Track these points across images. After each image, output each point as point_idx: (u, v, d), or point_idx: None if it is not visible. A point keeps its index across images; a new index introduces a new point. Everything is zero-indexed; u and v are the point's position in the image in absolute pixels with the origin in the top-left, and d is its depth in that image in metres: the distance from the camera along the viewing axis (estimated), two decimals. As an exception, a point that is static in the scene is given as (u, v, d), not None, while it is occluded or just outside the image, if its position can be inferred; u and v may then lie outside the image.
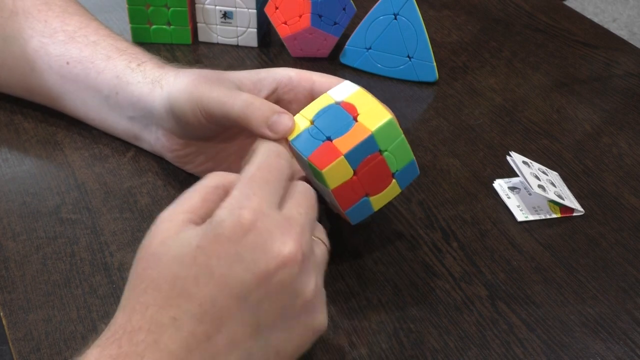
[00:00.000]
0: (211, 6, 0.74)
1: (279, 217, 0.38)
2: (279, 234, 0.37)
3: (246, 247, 0.37)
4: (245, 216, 0.37)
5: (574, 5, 1.99)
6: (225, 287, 0.36)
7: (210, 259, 0.37)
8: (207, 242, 0.37)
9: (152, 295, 0.37)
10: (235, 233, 0.37)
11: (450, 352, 0.45)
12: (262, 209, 0.38)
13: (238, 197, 0.38)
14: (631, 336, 0.47)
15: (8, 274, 0.49)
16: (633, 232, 0.55)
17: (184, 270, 0.37)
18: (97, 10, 0.66)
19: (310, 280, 0.39)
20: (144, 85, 0.55)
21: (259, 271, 0.37)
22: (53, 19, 0.60)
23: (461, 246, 0.53)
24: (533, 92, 0.72)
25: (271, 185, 0.40)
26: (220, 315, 0.36)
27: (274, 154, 0.42)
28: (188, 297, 0.36)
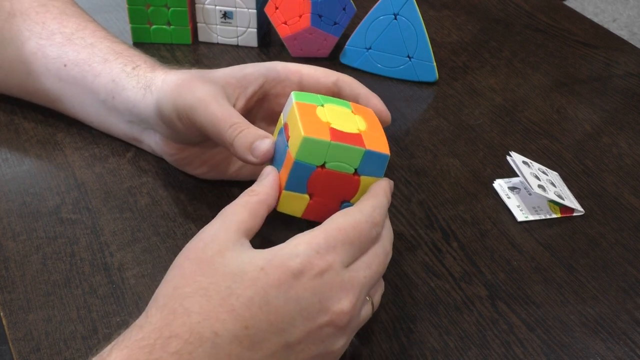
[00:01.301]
0: (211, 6, 0.74)
1: (345, 276, 0.39)
2: (338, 292, 0.38)
3: (307, 291, 0.37)
4: (318, 264, 0.38)
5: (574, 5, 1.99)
6: (274, 320, 0.37)
7: (270, 287, 0.37)
8: (272, 268, 0.37)
9: (199, 303, 0.36)
10: (302, 273, 0.37)
11: (450, 352, 0.45)
12: (335, 265, 0.39)
13: (321, 243, 0.39)
14: (631, 336, 0.47)
15: (8, 274, 0.49)
16: (633, 232, 0.55)
17: (241, 288, 0.36)
18: (97, 11, 0.66)
19: (345, 339, 0.40)
20: (137, 91, 0.54)
21: (309, 318, 0.38)
22: (51, 21, 0.60)
23: (461, 246, 0.53)
24: (533, 92, 0.72)
25: (354, 248, 0.40)
26: (260, 344, 0.36)
27: (373, 223, 0.41)
28: (236, 316, 0.36)
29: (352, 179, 0.43)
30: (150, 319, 0.36)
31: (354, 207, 0.42)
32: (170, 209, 0.55)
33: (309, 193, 0.43)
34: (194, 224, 0.53)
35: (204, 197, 0.56)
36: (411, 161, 0.61)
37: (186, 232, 0.53)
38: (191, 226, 0.53)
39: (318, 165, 0.42)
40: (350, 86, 0.51)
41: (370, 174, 0.44)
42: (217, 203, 0.55)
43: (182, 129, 0.51)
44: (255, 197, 0.42)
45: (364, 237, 0.41)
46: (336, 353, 0.40)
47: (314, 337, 0.38)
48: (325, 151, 0.42)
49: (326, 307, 0.38)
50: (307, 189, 0.43)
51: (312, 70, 0.51)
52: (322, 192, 0.43)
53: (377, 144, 0.44)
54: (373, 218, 0.41)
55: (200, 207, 0.55)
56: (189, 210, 0.55)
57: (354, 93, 0.51)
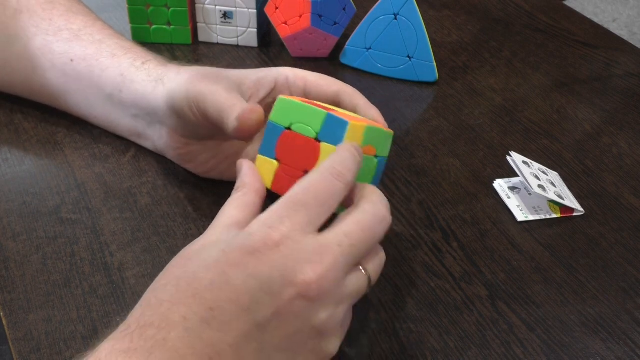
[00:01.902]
0: (211, 6, 0.74)
1: (310, 244, 0.37)
2: (301, 262, 0.37)
3: (265, 265, 0.37)
4: (273, 236, 0.37)
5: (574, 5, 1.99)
6: (236, 299, 0.36)
7: (229, 267, 0.37)
8: (230, 250, 0.37)
9: (170, 291, 0.37)
10: (258, 249, 0.37)
11: (450, 352, 0.45)
12: (293, 233, 0.37)
13: (273, 216, 0.38)
14: (631, 336, 0.47)
15: (8, 274, 0.49)
16: (633, 232, 0.55)
17: (203, 272, 0.37)
18: (97, 10, 0.66)
19: (327, 311, 0.38)
20: (147, 84, 0.55)
21: (273, 293, 0.36)
22: (58, 18, 0.60)
23: (461, 246, 0.53)
24: (533, 92, 0.72)
25: (311, 209, 0.38)
26: (229, 324, 0.36)
27: (329, 175, 0.40)
28: (200, 299, 0.36)
29: (313, 145, 0.43)
30: (132, 313, 0.37)
31: (312, 170, 0.41)
32: (170, 209, 0.55)
33: (277, 159, 0.44)
34: (194, 224, 0.53)
35: (204, 197, 0.56)
36: (411, 161, 0.61)
37: (186, 232, 0.53)
38: (191, 226, 0.53)
39: (286, 127, 0.44)
40: (351, 97, 0.51)
41: (332, 142, 0.43)
42: (217, 203, 0.55)
43: (191, 119, 0.51)
44: (240, 192, 0.42)
45: (322, 194, 0.39)
46: (324, 328, 0.38)
47: (285, 312, 0.37)
48: (294, 112, 0.43)
49: (289, 279, 0.37)
50: (275, 154, 0.44)
51: (317, 78, 0.52)
52: (288, 158, 0.44)
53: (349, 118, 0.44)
54: (332, 170, 0.40)
55: (200, 207, 0.55)
56: (189, 210, 0.55)
57: (352, 103, 0.51)
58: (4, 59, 0.61)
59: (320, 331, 0.38)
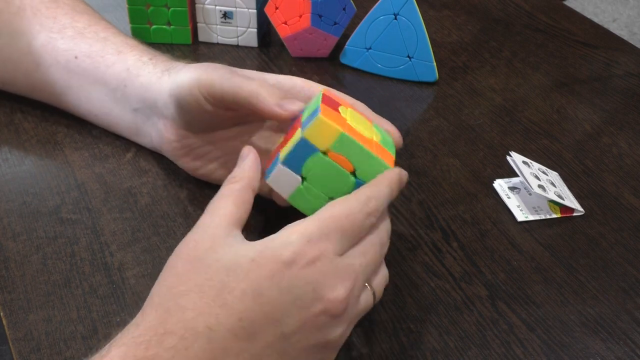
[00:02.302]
0: (211, 6, 0.74)
1: (339, 264, 0.39)
2: (332, 279, 0.38)
3: (300, 280, 0.37)
4: (310, 253, 0.38)
5: (574, 5, 1.99)
6: (268, 311, 0.37)
7: (262, 278, 0.37)
8: (263, 259, 0.37)
9: (193, 299, 0.36)
10: (294, 262, 0.37)
11: (450, 352, 0.45)
12: (328, 253, 0.38)
13: (313, 232, 0.38)
14: (631, 336, 0.47)
15: (8, 274, 0.49)
16: (633, 232, 0.55)
17: (233, 281, 0.37)
18: (98, 11, 0.66)
19: (343, 327, 0.39)
20: (152, 75, 0.55)
21: (303, 307, 0.37)
22: (62, 16, 0.61)
23: (461, 246, 0.53)
24: (533, 92, 0.72)
25: (347, 237, 0.40)
26: (256, 335, 0.36)
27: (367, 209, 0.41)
28: (229, 309, 0.36)
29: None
30: (146, 317, 0.37)
31: (351, 195, 0.41)
32: (170, 209, 0.55)
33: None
34: (194, 224, 0.53)
35: (204, 197, 0.56)
36: (411, 161, 0.61)
37: (186, 232, 0.52)
38: (191, 226, 0.53)
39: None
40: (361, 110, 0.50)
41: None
42: (217, 203, 0.55)
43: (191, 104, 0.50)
44: (238, 184, 0.42)
45: (357, 226, 0.40)
46: (335, 342, 0.40)
47: (310, 326, 0.38)
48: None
49: (320, 295, 0.38)
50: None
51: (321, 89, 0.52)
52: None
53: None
54: (368, 207, 0.41)
55: (200, 207, 0.55)
56: (189, 210, 0.55)
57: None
58: (7, 55, 0.61)
59: (332, 345, 0.40)
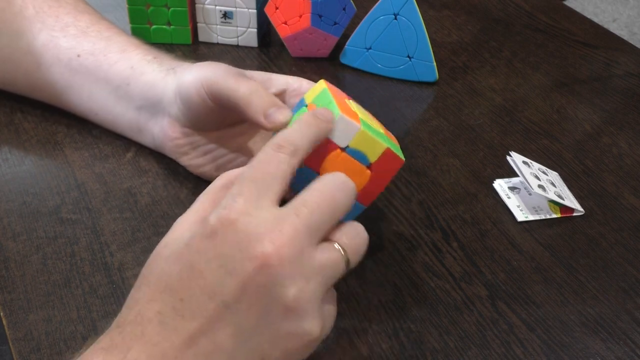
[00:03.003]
0: (211, 6, 0.74)
1: (266, 217, 0.37)
2: (260, 234, 0.36)
3: (224, 246, 0.37)
4: (228, 216, 0.37)
5: (574, 5, 1.99)
6: (203, 284, 0.37)
7: (193, 256, 0.38)
8: (193, 240, 0.38)
9: (143, 291, 0.38)
10: (215, 231, 0.37)
11: (450, 352, 0.45)
12: (247, 209, 0.37)
13: (227, 197, 0.38)
14: (631, 336, 0.47)
15: (8, 274, 0.49)
16: (633, 232, 0.55)
17: (170, 266, 0.38)
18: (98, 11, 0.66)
19: (293, 285, 0.36)
20: (158, 73, 0.56)
21: (235, 271, 0.36)
22: (64, 15, 0.61)
23: (461, 246, 0.53)
24: (533, 92, 0.72)
25: (262, 183, 0.38)
26: (199, 312, 0.37)
27: (274, 147, 0.40)
28: (171, 292, 0.37)
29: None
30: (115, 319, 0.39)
31: None
32: (170, 209, 0.55)
33: None
34: (194, 224, 0.53)
35: (204, 197, 0.56)
36: (411, 161, 0.61)
37: (186, 232, 0.53)
38: (191, 226, 0.53)
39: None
40: None
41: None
42: (217, 203, 0.55)
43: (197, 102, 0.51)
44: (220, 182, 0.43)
45: (268, 167, 0.39)
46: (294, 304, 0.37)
47: (251, 288, 0.36)
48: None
49: (248, 254, 0.36)
50: None
51: None
52: None
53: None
54: (273, 145, 0.40)
55: (200, 207, 0.55)
56: (189, 210, 0.55)
57: None
58: (7, 55, 0.61)
59: (293, 308, 0.37)
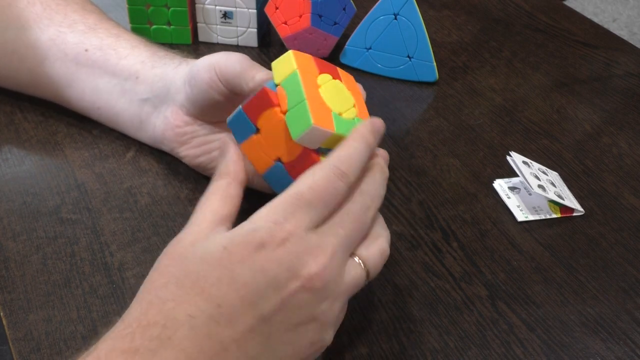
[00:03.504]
0: (211, 6, 0.74)
1: (311, 240, 0.38)
2: (305, 256, 0.38)
3: (272, 262, 0.37)
4: (279, 234, 0.38)
5: (574, 5, 1.99)
6: (244, 294, 0.37)
7: (234, 264, 0.37)
8: (234, 246, 0.38)
9: (172, 290, 0.37)
10: (264, 245, 0.37)
11: (450, 352, 0.45)
12: (298, 231, 0.38)
13: (278, 212, 0.38)
14: (631, 336, 0.47)
15: (8, 274, 0.49)
16: (633, 232, 0.55)
17: (207, 269, 0.37)
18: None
19: (327, 304, 0.39)
20: (170, 65, 0.57)
21: (279, 287, 0.37)
22: (72, 13, 0.61)
23: (461, 246, 0.53)
24: (533, 92, 0.72)
25: (316, 209, 0.39)
26: (236, 320, 0.36)
27: (333, 176, 0.40)
28: (207, 296, 0.36)
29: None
30: (129, 311, 0.37)
31: (317, 165, 0.41)
32: (170, 209, 0.55)
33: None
34: (194, 224, 0.53)
35: (204, 197, 0.56)
36: (411, 161, 0.61)
37: (186, 232, 0.53)
38: (191, 226, 0.53)
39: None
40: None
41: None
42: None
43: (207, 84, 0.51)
44: (223, 180, 0.43)
45: (326, 194, 0.39)
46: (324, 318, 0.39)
47: (290, 305, 0.38)
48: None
49: (295, 273, 0.37)
50: None
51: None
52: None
53: None
54: (335, 170, 0.40)
55: (200, 207, 0.55)
56: (189, 210, 0.55)
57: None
58: (13, 48, 0.61)
59: (320, 322, 0.39)
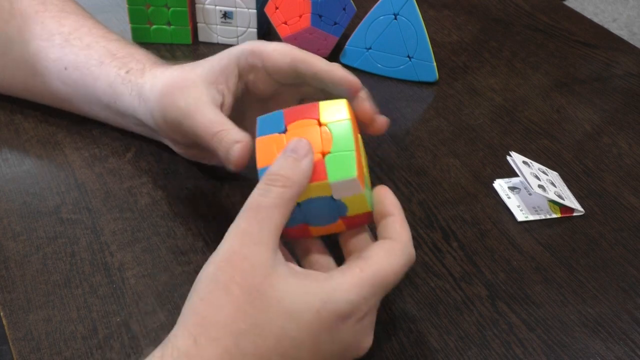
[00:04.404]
0: (211, 6, 0.74)
1: (374, 314, 0.42)
2: (369, 330, 0.42)
3: (349, 334, 0.40)
4: (363, 309, 0.40)
5: (574, 5, 1.99)
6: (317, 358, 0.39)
7: (322, 331, 0.38)
8: (326, 313, 0.38)
9: (254, 343, 0.37)
10: (349, 317, 0.39)
11: (450, 352, 0.45)
12: (374, 309, 0.42)
13: (368, 290, 0.40)
14: (631, 336, 0.47)
15: (8, 274, 0.49)
16: (633, 232, 0.55)
17: (295, 330, 0.38)
18: (97, 10, 0.66)
19: None
20: (133, 99, 0.55)
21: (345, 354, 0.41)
22: (49, 20, 0.59)
23: (461, 246, 0.53)
24: (533, 92, 0.72)
25: (388, 289, 0.42)
26: None
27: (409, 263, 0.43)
28: (286, 357, 0.38)
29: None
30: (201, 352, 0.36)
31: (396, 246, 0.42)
32: (170, 209, 0.55)
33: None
34: (194, 224, 0.53)
35: (204, 197, 0.56)
36: (411, 161, 0.61)
37: (186, 232, 0.53)
38: (191, 226, 0.53)
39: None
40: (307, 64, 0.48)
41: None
42: (217, 203, 0.55)
43: (180, 139, 0.52)
44: (290, 191, 0.40)
45: (400, 279, 0.42)
46: None
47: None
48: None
49: (359, 343, 0.41)
50: None
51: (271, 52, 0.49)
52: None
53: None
54: (411, 257, 0.43)
55: (200, 207, 0.55)
56: (189, 210, 0.55)
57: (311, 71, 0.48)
58: (4, 62, 0.61)
59: None
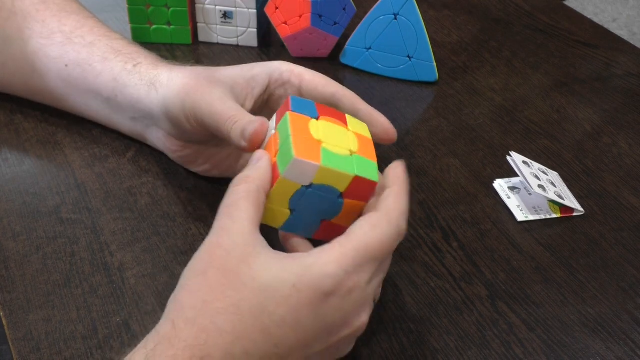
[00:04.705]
0: (211, 6, 0.74)
1: (366, 292, 0.40)
2: (360, 307, 0.40)
3: (334, 310, 0.38)
4: (347, 284, 0.38)
5: (574, 5, 1.99)
6: (302, 338, 0.38)
7: (302, 306, 0.37)
8: (303, 286, 0.37)
9: (232, 321, 0.36)
10: (332, 292, 0.38)
11: (450, 352, 0.45)
12: (361, 283, 0.39)
13: (349, 263, 0.38)
14: (631, 336, 0.47)
15: (8, 274, 0.49)
16: (633, 232, 0.55)
17: (273, 306, 0.37)
18: (97, 10, 0.66)
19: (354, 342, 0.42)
20: (141, 88, 0.54)
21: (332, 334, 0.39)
22: (50, 19, 0.59)
23: (461, 246, 0.53)
24: (533, 92, 0.72)
25: (378, 262, 0.40)
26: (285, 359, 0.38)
27: (396, 236, 0.41)
28: (268, 335, 0.37)
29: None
30: (179, 334, 0.36)
31: (383, 218, 0.40)
32: (170, 209, 0.55)
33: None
34: (194, 224, 0.53)
35: (204, 197, 0.56)
36: (411, 161, 0.61)
37: (186, 232, 0.53)
38: (191, 226, 0.53)
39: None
40: (351, 101, 0.50)
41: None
42: (217, 203, 0.55)
43: (188, 128, 0.51)
44: (254, 185, 0.41)
45: (389, 251, 0.41)
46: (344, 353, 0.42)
47: (333, 347, 0.40)
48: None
49: (349, 322, 0.39)
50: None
51: (313, 77, 0.51)
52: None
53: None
54: (399, 229, 0.41)
55: (200, 207, 0.55)
56: (189, 210, 0.55)
57: (353, 108, 0.50)
58: (3, 60, 0.61)
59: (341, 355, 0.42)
